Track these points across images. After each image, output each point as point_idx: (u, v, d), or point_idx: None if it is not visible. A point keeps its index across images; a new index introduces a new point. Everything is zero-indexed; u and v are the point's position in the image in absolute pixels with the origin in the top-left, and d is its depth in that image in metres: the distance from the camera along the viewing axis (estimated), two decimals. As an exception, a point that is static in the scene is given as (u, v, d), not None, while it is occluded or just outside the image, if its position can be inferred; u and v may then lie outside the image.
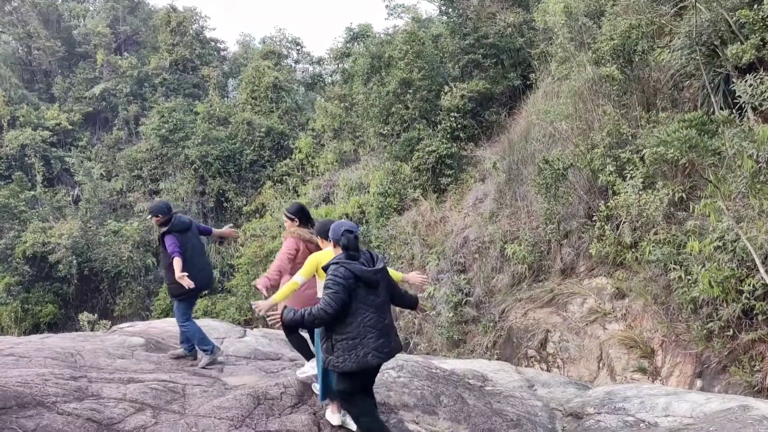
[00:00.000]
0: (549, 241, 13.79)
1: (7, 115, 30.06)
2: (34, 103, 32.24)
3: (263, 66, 29.40)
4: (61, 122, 31.16)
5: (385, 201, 18.83)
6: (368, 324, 4.68)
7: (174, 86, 32.88)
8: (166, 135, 27.46)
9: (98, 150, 31.65)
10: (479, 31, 18.88)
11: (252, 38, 41.42)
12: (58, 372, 5.84)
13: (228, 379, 6.41)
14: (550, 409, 6.63)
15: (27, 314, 23.03)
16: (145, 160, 28.64)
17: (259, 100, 28.93)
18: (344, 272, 4.64)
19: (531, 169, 14.68)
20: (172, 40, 33.00)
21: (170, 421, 5.07)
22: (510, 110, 19.13)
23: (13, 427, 4.57)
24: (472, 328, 14.61)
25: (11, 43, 36.07)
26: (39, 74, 35.69)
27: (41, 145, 29.28)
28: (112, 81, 33.15)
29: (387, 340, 4.77)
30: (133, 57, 34.38)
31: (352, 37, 26.94)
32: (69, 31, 36.34)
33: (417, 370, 6.87)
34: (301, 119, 29.20)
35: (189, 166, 26.96)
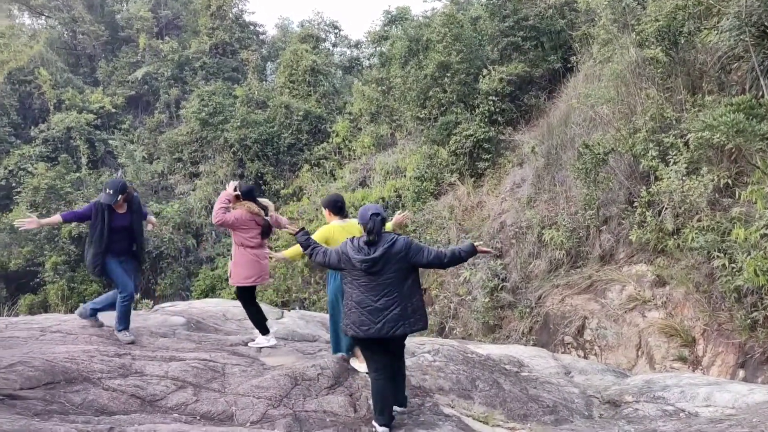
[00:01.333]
0: (588, 227, 13.61)
1: (53, 99, 30.77)
2: (79, 86, 32.91)
3: (301, 49, 29.47)
4: (105, 105, 31.76)
5: (422, 185, 18.79)
6: (355, 300, 5.10)
7: (214, 70, 33.21)
8: (205, 118, 27.81)
9: (140, 133, 32.21)
10: (519, 13, 18.58)
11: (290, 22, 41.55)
12: (103, 349, 6.02)
13: (266, 359, 6.51)
14: (587, 396, 6.58)
15: (73, 292, 23.70)
16: (186, 143, 29.06)
17: (297, 84, 29.04)
18: (342, 248, 5.20)
19: (570, 154, 14.47)
20: (212, 24, 33.28)
21: (210, 399, 5.19)
22: (549, 94, 18.84)
23: (61, 401, 4.74)
24: (508, 313, 14.55)
25: (57, 27, 36.83)
26: (84, 58, 36.38)
27: (86, 128, 29.90)
28: (153, 65, 33.62)
29: (371, 320, 5.03)
30: (174, 41, 34.79)
31: (390, 20, 26.81)
32: (112, 16, 36.94)
33: (453, 355, 6.88)
34: (339, 103, 29.24)
35: (228, 149, 27.28)
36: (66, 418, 4.34)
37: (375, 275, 5.05)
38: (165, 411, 4.90)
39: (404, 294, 5.10)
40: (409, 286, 5.16)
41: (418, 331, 5.35)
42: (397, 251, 5.07)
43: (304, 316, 9.80)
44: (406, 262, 5.12)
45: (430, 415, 5.49)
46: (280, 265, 21.36)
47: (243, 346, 6.97)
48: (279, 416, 5.05)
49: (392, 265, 5.07)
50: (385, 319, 5.03)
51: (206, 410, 5.01)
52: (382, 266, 5.04)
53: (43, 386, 4.90)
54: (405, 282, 5.14)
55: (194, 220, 26.36)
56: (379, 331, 5.02)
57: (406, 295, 5.12)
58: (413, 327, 5.14)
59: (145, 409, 4.89)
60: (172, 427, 4.36)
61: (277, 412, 5.12)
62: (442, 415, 5.52)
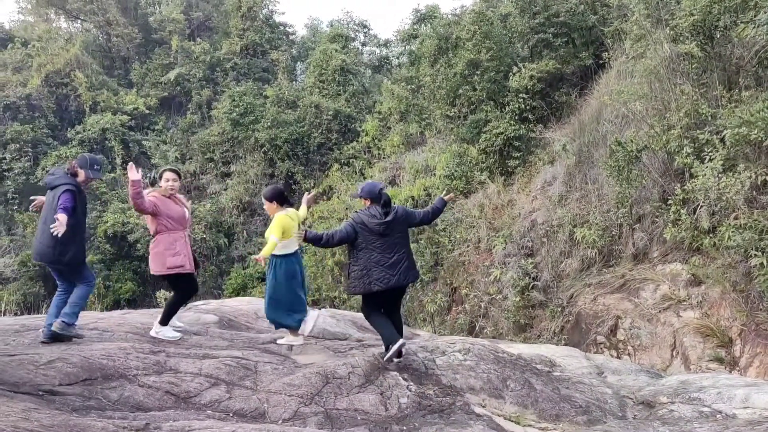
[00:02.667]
0: (620, 226, 13.43)
1: (89, 101, 31.41)
2: (114, 88, 33.53)
3: (331, 49, 29.61)
4: (139, 107, 32.30)
5: (452, 184, 18.73)
6: (374, 261, 6.25)
7: (244, 71, 33.55)
8: (237, 119, 28.11)
9: (173, 133, 32.69)
10: (550, 10, 18.38)
11: (320, 22, 41.83)
12: (138, 346, 6.13)
13: (297, 357, 6.56)
14: (620, 396, 6.50)
15: (108, 291, 24.19)
16: (217, 144, 29.40)
17: (327, 84, 29.19)
18: (356, 218, 6.35)
19: (602, 152, 14.29)
20: (243, 25, 33.61)
21: (243, 397, 5.25)
22: (581, 91, 18.61)
23: (98, 397, 4.84)
24: (539, 312, 14.43)
25: (92, 31, 37.55)
26: (118, 60, 37.04)
27: (120, 129, 30.46)
28: (185, 66, 34.09)
29: (390, 273, 6.26)
30: (206, 42, 35.22)
31: (420, 19, 26.76)
32: (145, 18, 37.53)
33: (484, 354, 6.85)
34: (368, 102, 29.31)
35: (259, 149, 27.54)
36: (103, 414, 4.43)
37: (387, 236, 6.31)
38: (199, 408, 4.97)
39: (407, 250, 6.48)
40: (408, 243, 6.55)
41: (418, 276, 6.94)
42: (400, 216, 6.43)
43: (335, 314, 9.84)
44: (406, 225, 6.55)
45: (461, 414, 5.48)
46: (310, 264, 21.51)
47: (275, 344, 7.03)
48: (310, 414, 5.09)
49: (398, 227, 6.40)
50: (399, 271, 6.31)
51: (239, 407, 5.07)
52: (392, 229, 6.34)
53: (81, 382, 5.01)
54: (406, 240, 6.52)
55: (226, 219, 26.69)
56: (398, 282, 6.29)
57: (408, 251, 6.50)
58: (416, 276, 6.65)
59: (180, 406, 4.96)
60: (206, 423, 4.42)
61: (309, 409, 5.16)
62: (473, 415, 5.50)
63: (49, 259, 6.15)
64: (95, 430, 3.78)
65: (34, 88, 31.15)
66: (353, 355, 6.58)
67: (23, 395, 4.46)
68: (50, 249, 6.07)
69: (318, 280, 21.02)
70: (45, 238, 6.08)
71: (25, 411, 3.90)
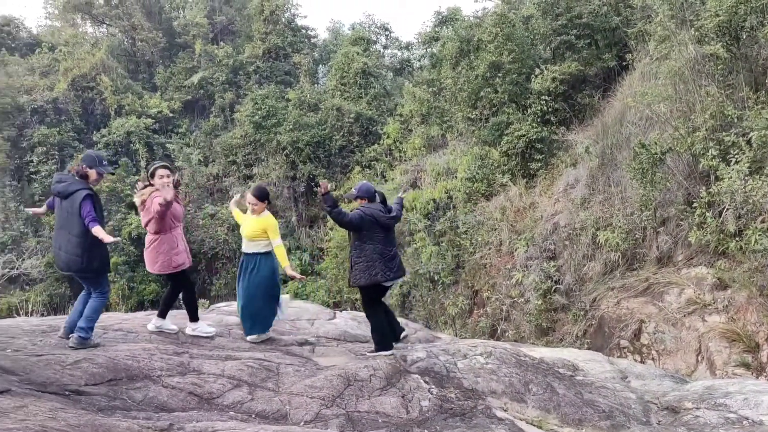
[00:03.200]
0: (644, 229, 13.28)
1: (114, 104, 31.86)
2: (138, 92, 33.96)
3: (352, 52, 29.70)
4: (163, 110, 32.69)
5: (473, 186, 18.68)
6: (378, 252, 6.64)
7: (267, 74, 33.78)
8: (259, 121, 28.31)
9: (196, 136, 33.02)
10: (572, 11, 18.25)
11: (341, 25, 41.98)
12: (162, 347, 6.20)
13: (319, 359, 6.60)
14: (644, 401, 6.43)
15: (132, 292, 24.48)
16: (240, 146, 29.62)
17: (349, 86, 29.28)
18: (367, 210, 6.69)
19: (626, 154, 14.15)
20: (265, 28, 33.86)
21: (265, 398, 5.29)
22: (604, 92, 18.45)
23: (123, 398, 4.91)
24: (561, 316, 14.32)
25: (118, 35, 38.11)
26: (143, 64, 37.52)
27: (145, 132, 30.84)
28: (209, 70, 34.42)
29: (390, 266, 6.67)
30: (229, 46, 35.53)
31: (441, 21, 26.76)
32: (169, 23, 37.97)
33: (505, 357, 6.82)
34: (389, 105, 29.33)
35: (281, 152, 27.70)
36: (128, 414, 4.49)
37: (389, 230, 6.81)
38: (221, 409, 5.02)
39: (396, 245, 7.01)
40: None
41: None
42: (395, 214, 6.94)
43: (356, 317, 9.86)
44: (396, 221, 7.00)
45: (482, 418, 5.46)
46: (332, 266, 21.58)
47: (297, 346, 7.07)
48: (332, 416, 5.11)
49: (393, 223, 6.92)
50: (397, 264, 6.80)
51: (261, 409, 5.11)
52: (392, 224, 6.87)
53: (107, 383, 5.08)
54: (395, 237, 7.02)
55: (248, 222, 26.82)
56: (396, 275, 6.74)
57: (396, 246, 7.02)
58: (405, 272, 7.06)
59: (203, 407, 5.01)
60: (229, 424, 4.46)
61: (330, 411, 5.18)
62: (495, 419, 5.48)
63: (78, 267, 6.08)
64: (120, 430, 3.83)
65: (61, 92, 31.66)
66: (374, 357, 6.59)
67: (50, 395, 4.54)
68: (78, 258, 6.03)
69: (339, 283, 21.07)
70: (70, 247, 6.03)
71: (52, 410, 3.97)
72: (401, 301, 19.09)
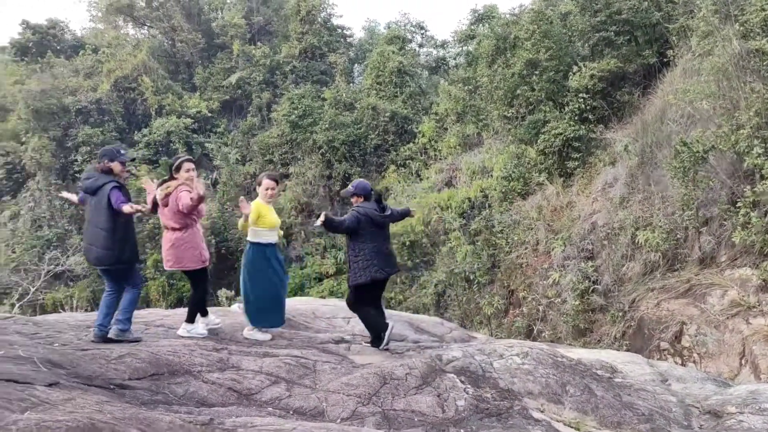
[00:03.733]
0: (686, 229, 13.02)
1: (155, 104, 32.50)
2: (178, 92, 34.56)
3: (388, 51, 29.73)
4: (202, 110, 33.21)
5: (509, 185, 18.54)
6: (375, 250, 6.92)
7: (303, 73, 34.04)
8: (295, 121, 28.55)
9: (234, 136, 33.45)
10: (612, 7, 17.96)
11: (377, 24, 42.05)
12: (202, 343, 6.32)
13: (355, 357, 6.63)
14: (685, 405, 6.31)
15: (172, 288, 24.94)
16: (276, 145, 29.91)
17: (384, 85, 29.32)
18: (361, 210, 6.93)
19: (666, 152, 13.89)
20: (302, 28, 34.11)
21: (303, 395, 5.35)
22: (644, 90, 18.12)
23: (165, 392, 5.02)
24: (599, 317, 14.13)
25: (158, 37, 38.85)
26: (182, 65, 38.17)
27: (184, 132, 31.38)
28: (246, 70, 34.83)
29: (386, 262, 7.00)
30: (266, 46, 35.89)
31: (477, 19, 26.60)
32: (208, 24, 38.54)
33: (542, 358, 6.76)
34: (425, 103, 29.28)
35: (317, 151, 27.90)
36: (170, 408, 4.59)
37: (383, 228, 7.11)
38: (260, 405, 5.09)
39: (391, 242, 7.35)
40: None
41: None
42: (390, 212, 7.19)
43: (392, 315, 9.89)
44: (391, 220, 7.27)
45: (519, 419, 5.43)
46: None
47: (333, 344, 7.13)
48: (368, 414, 5.14)
49: (388, 222, 7.20)
50: (392, 260, 7.21)
51: (299, 405, 5.17)
52: (387, 222, 7.16)
53: (149, 377, 5.20)
54: (389, 234, 7.34)
55: (284, 220, 27.07)
56: (392, 271, 7.12)
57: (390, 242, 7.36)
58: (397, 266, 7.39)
59: (242, 402, 5.09)
60: (267, 420, 4.52)
61: (367, 409, 5.21)
62: (532, 420, 5.45)
63: (110, 261, 6.14)
64: (163, 423, 3.92)
65: (104, 92, 32.42)
66: (410, 356, 6.60)
67: (96, 388, 4.67)
68: (109, 251, 6.10)
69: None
70: (101, 241, 6.10)
71: (98, 403, 4.08)
72: (436, 300, 19.06)
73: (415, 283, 20.20)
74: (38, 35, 35.94)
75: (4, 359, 4.83)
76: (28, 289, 24.01)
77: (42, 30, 36.37)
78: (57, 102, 31.41)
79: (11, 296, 23.51)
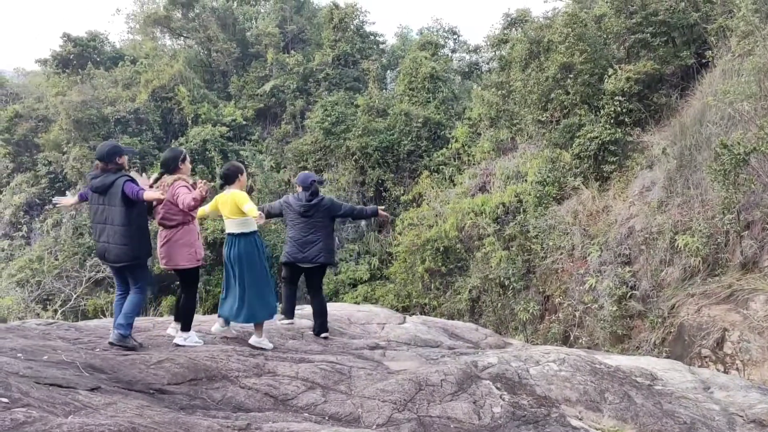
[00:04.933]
0: (727, 233, 12.72)
1: (191, 113, 33.01)
2: (214, 101, 35.05)
3: (420, 57, 29.73)
4: (237, 118, 33.62)
5: (544, 190, 18.36)
6: (290, 236, 7.62)
7: (336, 80, 34.24)
8: (329, 128, 28.72)
9: (268, 143, 33.77)
10: (648, 8, 17.70)
11: (409, 30, 42.09)
12: (239, 348, 6.39)
13: (390, 363, 6.63)
14: (729, 413, 6.16)
15: (208, 295, 25.27)
16: (310, 152, 30.09)
17: (417, 91, 29.31)
18: (286, 198, 7.73)
19: (706, 155, 13.61)
20: (335, 36, 34.34)
21: (338, 401, 5.37)
22: (682, 92, 17.80)
23: (203, 397, 5.09)
24: (637, 323, 13.88)
25: (194, 47, 39.52)
26: (217, 74, 38.73)
27: (219, 140, 31.79)
28: (280, 78, 35.17)
29: (300, 249, 7.51)
30: (299, 54, 36.21)
31: (510, 23, 26.43)
32: (243, 33, 39.05)
33: (579, 365, 6.67)
34: (458, 108, 29.18)
35: (350, 157, 28.00)
36: (208, 413, 4.65)
37: (308, 218, 7.48)
38: (296, 410, 5.13)
39: (324, 234, 7.58)
40: (327, 229, 7.63)
41: (330, 265, 8.03)
42: (323, 204, 7.57)
43: (426, 321, 9.86)
44: (329, 213, 7.62)
45: (556, 426, 5.37)
46: (400, 271, 21.63)
47: (368, 350, 7.14)
48: (404, 420, 5.13)
49: (319, 213, 7.52)
50: (309, 250, 7.48)
51: (334, 411, 5.19)
52: (313, 213, 7.49)
53: (187, 382, 5.28)
54: (325, 226, 7.59)
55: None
56: (304, 258, 7.48)
57: (325, 235, 7.59)
58: (327, 259, 7.62)
59: (278, 408, 5.14)
60: (304, 426, 4.55)
61: (402, 416, 5.20)
62: (570, 427, 5.38)
63: (128, 257, 6.06)
64: (201, 428, 3.97)
65: (142, 102, 33.06)
66: (445, 362, 6.58)
67: (136, 393, 4.76)
68: (126, 247, 6.01)
69: (408, 287, 21.10)
70: (117, 238, 6.00)
71: (139, 408, 4.16)
72: (470, 306, 18.95)
73: (449, 289, 20.11)
74: (79, 48, 36.81)
75: (48, 364, 4.96)
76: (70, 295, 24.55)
77: (82, 42, 37.26)
78: (97, 112, 32.14)
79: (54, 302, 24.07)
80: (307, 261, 7.51)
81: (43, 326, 7.04)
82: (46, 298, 25.36)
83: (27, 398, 3.76)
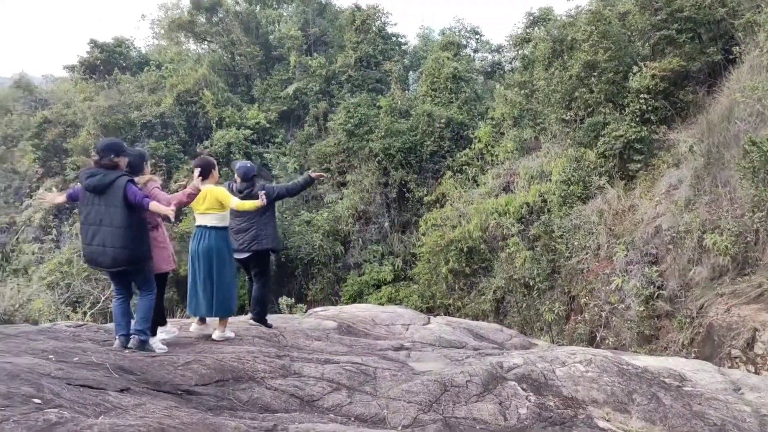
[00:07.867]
0: (756, 231, 12.50)
1: (215, 117, 33.34)
2: (238, 104, 35.36)
3: (442, 57, 29.69)
4: (260, 121, 33.87)
5: (568, 189, 18.21)
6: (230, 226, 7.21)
7: (358, 82, 34.31)
8: (351, 129, 28.79)
9: (292, 146, 33.95)
10: (673, 5, 17.46)
11: (431, 30, 42.05)
12: (265, 350, 6.45)
13: (415, 364, 6.64)
14: (760, 415, 6.05)
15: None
16: (333, 154, 30.19)
17: (439, 92, 29.26)
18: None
19: (734, 152, 13.40)
20: (357, 38, 34.42)
21: (364, 402, 5.39)
22: (709, 88, 17.53)
23: (230, 398, 5.15)
24: (665, 323, 13.71)
25: (218, 51, 39.92)
26: (241, 78, 39.05)
27: (243, 143, 32.04)
28: (303, 80, 35.36)
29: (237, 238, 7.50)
30: (322, 57, 36.36)
31: (533, 22, 26.25)
32: (266, 37, 39.34)
33: (607, 366, 6.61)
34: (480, 108, 29.06)
35: (373, 159, 28.03)
36: (235, 414, 4.70)
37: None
38: (322, 411, 5.16)
39: (261, 222, 7.51)
40: (264, 216, 7.53)
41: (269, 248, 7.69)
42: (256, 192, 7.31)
43: (451, 322, 9.85)
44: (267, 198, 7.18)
45: (583, 427, 5.33)
46: (424, 272, 21.60)
47: (392, 351, 7.15)
48: (429, 421, 5.13)
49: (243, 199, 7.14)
50: (243, 238, 7.46)
51: (360, 412, 5.21)
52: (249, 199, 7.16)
53: (214, 383, 5.34)
54: (261, 214, 7.43)
55: (342, 228, 27.34)
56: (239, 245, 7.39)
57: (262, 222, 7.52)
58: (268, 245, 7.58)
59: (304, 409, 5.17)
60: (330, 427, 4.58)
61: (428, 417, 5.20)
62: (597, 428, 5.33)
63: (129, 259, 5.87)
64: (228, 429, 4.02)
65: (167, 106, 33.46)
66: (470, 363, 6.56)
67: (164, 393, 4.83)
68: (127, 250, 5.80)
69: (432, 288, 21.07)
70: (117, 240, 5.76)
71: (167, 408, 4.22)
72: (495, 306, 18.86)
73: (473, 290, 20.04)
74: (105, 53, 37.39)
75: (79, 365, 5.05)
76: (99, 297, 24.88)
77: (109, 48, 37.84)
78: (123, 117, 32.60)
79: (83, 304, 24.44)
80: (241, 251, 7.47)
81: (73, 328, 7.18)
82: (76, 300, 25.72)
83: (59, 399, 3.84)
